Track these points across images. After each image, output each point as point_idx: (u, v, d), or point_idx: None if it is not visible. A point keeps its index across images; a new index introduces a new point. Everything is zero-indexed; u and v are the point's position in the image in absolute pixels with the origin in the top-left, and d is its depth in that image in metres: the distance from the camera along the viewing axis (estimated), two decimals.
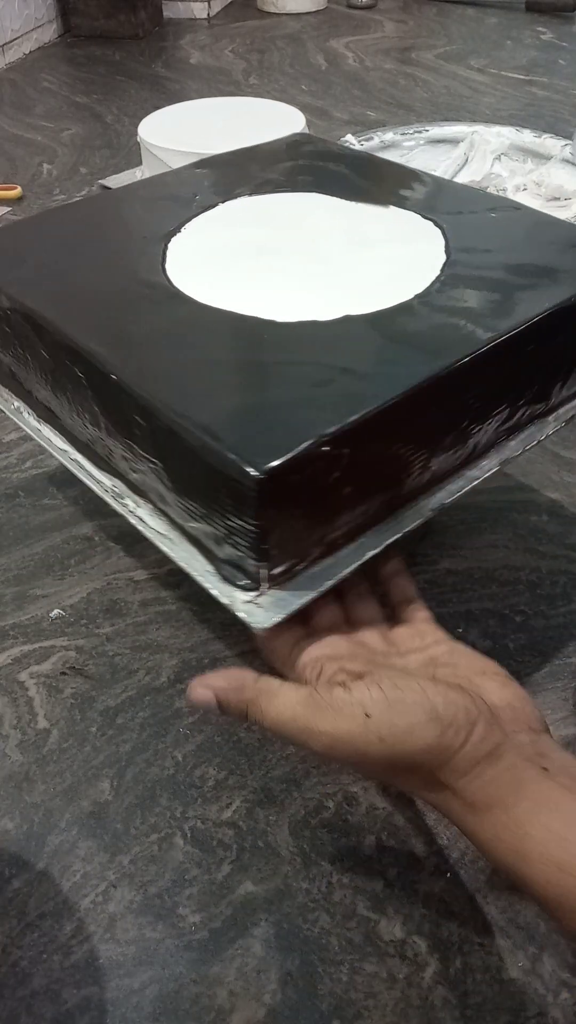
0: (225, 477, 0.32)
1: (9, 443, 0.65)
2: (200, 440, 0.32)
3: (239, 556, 0.34)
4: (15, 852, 0.39)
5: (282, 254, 0.45)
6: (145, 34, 1.64)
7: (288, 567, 0.34)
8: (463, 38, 1.61)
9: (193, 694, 0.33)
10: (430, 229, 0.47)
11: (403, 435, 0.36)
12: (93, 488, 0.40)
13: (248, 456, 0.31)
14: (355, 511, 0.36)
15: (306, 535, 0.34)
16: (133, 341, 0.38)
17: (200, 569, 0.36)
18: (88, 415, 0.40)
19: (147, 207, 0.50)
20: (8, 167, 1.10)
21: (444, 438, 0.38)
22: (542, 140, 0.90)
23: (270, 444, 0.31)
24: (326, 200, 0.50)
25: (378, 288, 0.41)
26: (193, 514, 0.35)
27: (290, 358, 0.37)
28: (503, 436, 0.42)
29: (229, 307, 0.40)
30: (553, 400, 0.44)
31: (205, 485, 0.33)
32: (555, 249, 0.45)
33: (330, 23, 1.72)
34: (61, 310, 0.40)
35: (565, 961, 0.35)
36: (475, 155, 0.90)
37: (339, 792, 0.41)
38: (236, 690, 0.33)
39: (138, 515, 0.38)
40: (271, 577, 0.34)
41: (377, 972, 0.35)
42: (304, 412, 0.33)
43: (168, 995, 0.35)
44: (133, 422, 0.36)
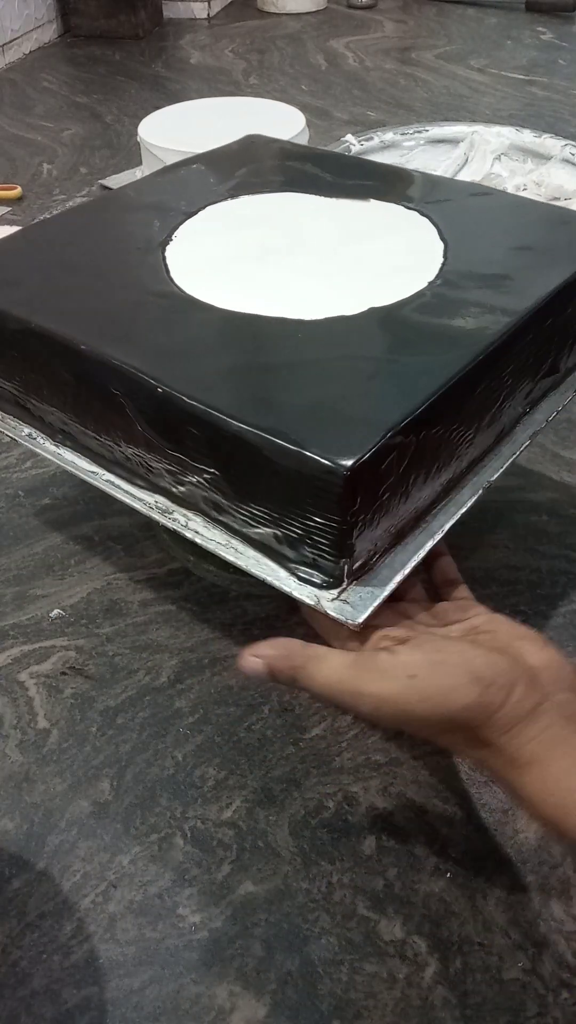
0: (306, 478, 0.32)
1: (9, 443, 0.64)
2: (272, 444, 0.32)
3: (317, 555, 0.34)
4: (15, 852, 0.39)
5: (281, 253, 0.45)
6: (145, 34, 1.64)
7: (366, 560, 0.34)
8: (463, 38, 1.61)
9: (244, 664, 0.34)
10: (416, 219, 0.47)
11: (455, 418, 0.36)
12: (136, 507, 0.39)
13: (330, 454, 0.31)
14: (419, 497, 0.36)
15: (382, 526, 0.35)
16: (169, 352, 0.37)
17: (271, 574, 0.35)
18: (121, 432, 0.39)
19: (131, 217, 0.49)
20: (8, 167, 1.10)
21: (485, 417, 0.39)
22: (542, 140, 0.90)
23: (350, 440, 0.32)
24: (305, 198, 0.50)
25: (389, 279, 0.42)
26: (259, 519, 0.35)
27: (330, 354, 0.37)
28: (527, 411, 0.43)
29: (248, 310, 0.40)
30: (563, 370, 0.45)
31: (280, 488, 0.33)
32: (541, 228, 0.47)
33: (330, 23, 1.72)
34: (81, 328, 0.39)
35: (565, 961, 0.35)
36: (475, 155, 0.90)
37: (339, 792, 0.41)
38: (285, 657, 0.34)
39: (192, 528, 0.38)
40: (351, 572, 0.34)
41: (377, 972, 0.35)
42: (369, 404, 0.34)
43: (168, 995, 0.35)
44: (185, 434, 0.35)
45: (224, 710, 0.45)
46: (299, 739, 0.44)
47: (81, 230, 0.49)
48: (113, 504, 0.55)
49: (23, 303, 0.41)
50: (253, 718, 0.45)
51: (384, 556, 0.35)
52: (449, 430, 0.36)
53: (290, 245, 0.45)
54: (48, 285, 0.43)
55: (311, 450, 0.31)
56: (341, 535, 0.32)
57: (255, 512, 0.35)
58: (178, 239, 0.46)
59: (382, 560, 0.35)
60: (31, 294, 0.42)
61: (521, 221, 0.48)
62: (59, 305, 0.41)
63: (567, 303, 0.42)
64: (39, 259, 0.45)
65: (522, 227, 0.47)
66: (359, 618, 0.33)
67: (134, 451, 0.39)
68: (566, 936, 0.36)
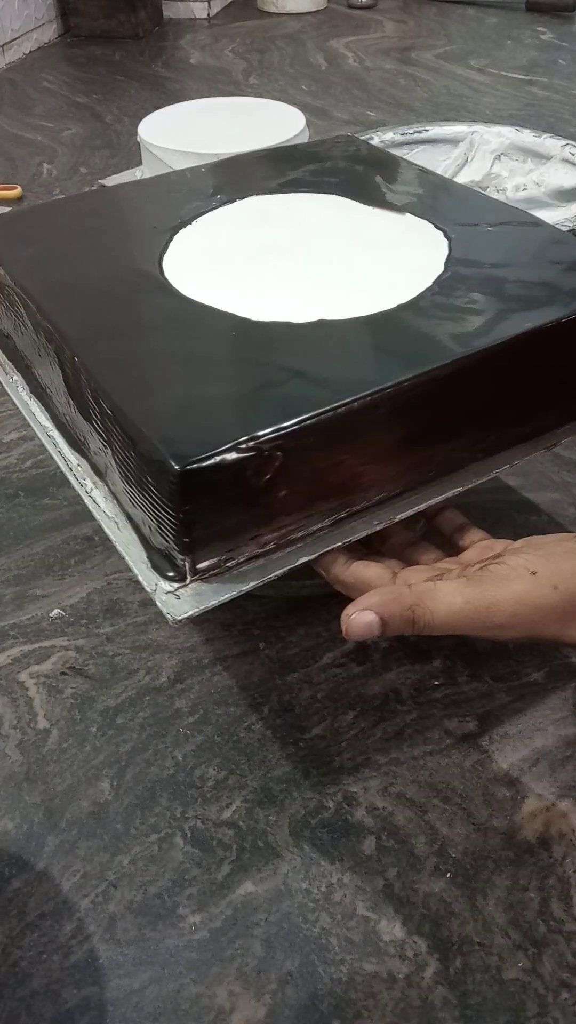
0: (154, 467, 0.32)
1: (9, 443, 0.65)
2: (136, 429, 0.33)
3: (168, 547, 0.34)
4: (15, 852, 0.39)
5: (280, 254, 0.45)
6: (145, 34, 1.64)
7: (216, 562, 0.34)
8: (463, 38, 1.61)
9: (353, 624, 0.32)
10: (438, 239, 0.46)
11: (349, 445, 0.35)
12: (60, 464, 0.41)
13: (172, 449, 0.31)
14: (293, 515, 0.35)
15: (235, 533, 0.34)
16: (105, 327, 0.39)
17: (135, 555, 0.36)
18: (62, 395, 0.41)
19: (159, 202, 0.51)
20: (8, 167, 1.10)
21: (400, 453, 0.37)
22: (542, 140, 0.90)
23: (196, 440, 0.32)
24: (342, 203, 0.50)
25: (364, 295, 0.41)
26: (133, 501, 0.36)
27: (249, 357, 0.37)
28: (478, 456, 0.40)
29: (210, 302, 0.40)
30: (536, 424, 0.41)
31: (140, 474, 0.34)
32: (560, 269, 0.43)
33: (330, 23, 1.72)
34: (48, 291, 0.41)
35: (565, 961, 0.35)
36: (475, 155, 0.90)
37: (339, 792, 0.41)
38: (396, 600, 0.32)
39: (92, 496, 0.39)
40: (195, 570, 0.34)
41: (377, 972, 0.35)
42: (240, 412, 0.34)
43: (168, 995, 0.35)
44: (91, 405, 0.37)
45: (224, 710, 0.45)
46: (299, 739, 0.44)
47: (103, 208, 0.51)
48: None
49: (15, 261, 0.44)
50: (253, 718, 0.45)
51: (245, 563, 0.35)
52: (339, 455, 0.35)
53: (291, 247, 0.46)
54: (47, 251, 0.45)
55: (159, 442, 0.32)
56: (179, 531, 0.33)
57: (130, 493, 0.36)
58: (196, 226, 0.48)
59: (240, 566, 0.35)
60: (29, 255, 0.45)
61: (547, 257, 0.44)
62: (45, 269, 0.44)
63: (543, 352, 0.39)
64: (49, 228, 0.48)
65: (544, 264, 0.43)
66: (179, 615, 0.33)
67: (70, 414, 0.41)
68: (566, 936, 0.36)
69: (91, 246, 0.46)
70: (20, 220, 0.50)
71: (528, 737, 0.43)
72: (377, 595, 0.33)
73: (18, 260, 0.44)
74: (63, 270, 0.43)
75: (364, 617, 0.32)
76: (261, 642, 0.48)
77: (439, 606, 0.32)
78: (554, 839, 0.39)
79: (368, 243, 0.46)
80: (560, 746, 0.43)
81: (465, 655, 0.47)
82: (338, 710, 0.45)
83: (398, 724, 0.44)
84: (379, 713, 0.45)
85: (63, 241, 0.46)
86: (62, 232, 0.47)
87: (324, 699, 0.45)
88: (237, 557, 0.35)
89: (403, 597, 0.32)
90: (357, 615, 0.32)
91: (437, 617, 0.32)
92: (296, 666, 0.47)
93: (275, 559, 0.35)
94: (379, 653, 0.48)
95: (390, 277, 0.43)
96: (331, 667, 0.47)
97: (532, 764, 0.42)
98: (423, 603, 0.32)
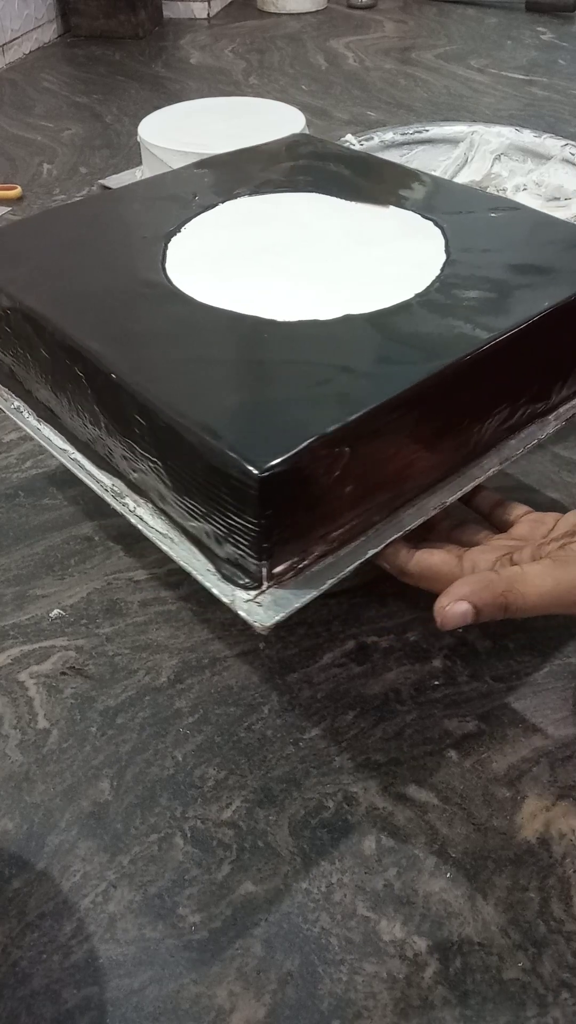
0: (226, 475, 0.32)
1: (9, 443, 0.65)
2: (200, 438, 0.32)
3: (239, 555, 0.34)
4: (15, 852, 0.39)
5: (281, 253, 0.45)
6: (145, 34, 1.64)
7: (289, 565, 0.34)
8: (463, 38, 1.61)
9: (448, 613, 0.33)
10: (430, 229, 0.47)
11: (403, 434, 0.36)
12: (93, 487, 0.40)
13: (249, 454, 0.31)
14: (356, 510, 0.36)
15: (307, 533, 0.34)
16: (132, 340, 0.38)
17: (201, 568, 0.36)
18: (88, 414, 0.40)
19: (147, 207, 0.50)
20: (8, 167, 1.10)
21: (444, 437, 0.38)
22: (542, 140, 0.90)
23: (271, 443, 0.31)
24: (325, 200, 0.50)
25: (378, 287, 0.41)
26: (193, 513, 0.35)
27: (290, 357, 0.37)
28: (504, 435, 0.42)
29: (228, 306, 0.40)
30: (553, 399, 0.44)
31: (205, 484, 0.33)
32: (555, 249, 0.45)
33: (330, 23, 1.72)
34: (61, 309, 0.40)
35: (565, 961, 0.35)
36: (475, 155, 0.90)
37: (339, 792, 0.41)
38: (487, 588, 0.33)
39: (138, 515, 0.38)
40: (272, 576, 0.34)
41: (377, 972, 0.35)
42: (304, 410, 0.33)
43: (168, 995, 0.35)
44: (133, 421, 0.36)
45: (224, 710, 0.45)
46: (299, 739, 0.44)
47: (96, 216, 0.50)
48: None
49: (16, 280, 0.42)
50: (253, 718, 0.45)
51: (314, 563, 0.35)
52: (395, 445, 0.35)
53: (292, 246, 0.46)
54: (46, 266, 0.44)
55: (232, 449, 0.31)
56: (258, 537, 0.32)
57: (189, 505, 0.35)
58: (186, 231, 0.47)
59: (311, 567, 0.35)
60: (27, 273, 0.43)
61: (538, 240, 0.46)
62: (50, 286, 0.42)
63: (557, 329, 0.41)
64: (40, 243, 0.46)
65: (536, 246, 0.45)
66: (267, 622, 0.33)
67: (97, 433, 0.40)
68: (566, 936, 0.36)
69: (89, 260, 0.44)
70: (7, 237, 0.48)
71: (528, 737, 0.43)
72: (467, 585, 0.34)
73: (16, 281, 0.43)
74: (68, 287, 0.42)
75: (458, 607, 0.33)
76: (261, 642, 0.48)
77: (529, 589, 0.33)
78: (554, 839, 0.39)
79: (363, 237, 0.46)
80: (560, 746, 0.43)
81: (465, 655, 0.47)
82: (338, 710, 0.45)
83: (398, 724, 0.44)
84: (379, 713, 0.45)
85: (58, 257, 0.45)
86: (54, 247, 0.46)
87: (324, 699, 0.45)
88: (308, 558, 0.35)
89: (494, 584, 0.33)
90: (452, 606, 0.33)
91: (528, 600, 0.33)
92: (296, 666, 0.47)
93: (343, 556, 0.36)
94: (379, 653, 0.48)
95: (397, 268, 0.43)
96: (331, 667, 0.47)
97: (532, 764, 0.42)
98: (514, 588, 0.33)
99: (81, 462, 0.42)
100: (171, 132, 0.91)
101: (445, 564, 0.37)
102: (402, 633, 0.49)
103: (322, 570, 0.35)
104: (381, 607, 0.50)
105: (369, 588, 0.51)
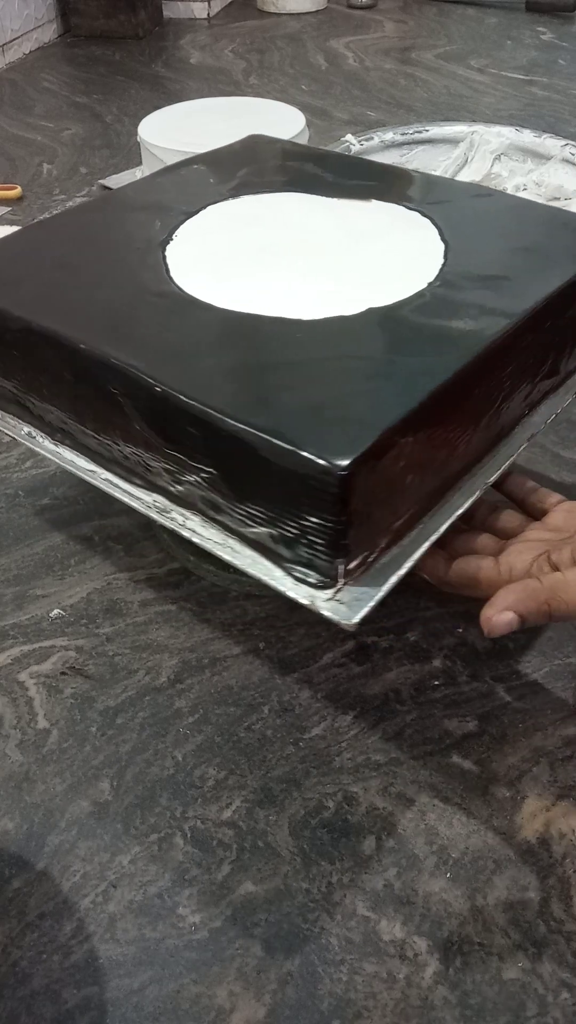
0: (302, 477, 0.32)
1: (9, 443, 0.64)
2: (270, 444, 0.32)
3: (312, 555, 0.33)
4: (15, 852, 0.39)
5: (281, 253, 0.45)
6: (145, 34, 1.64)
7: (361, 560, 0.34)
8: (463, 38, 1.61)
9: (495, 623, 0.35)
10: (418, 219, 0.48)
11: (452, 418, 0.36)
12: (134, 505, 0.39)
13: (327, 453, 0.31)
14: (416, 496, 0.36)
15: (377, 526, 0.34)
16: (167, 351, 0.37)
17: (267, 573, 0.35)
18: (119, 431, 0.39)
19: (131, 215, 0.50)
20: (8, 167, 1.10)
21: (483, 418, 0.39)
22: (542, 140, 0.90)
23: (346, 439, 0.32)
24: (306, 198, 0.50)
25: (388, 279, 0.42)
26: (256, 519, 0.35)
27: (328, 354, 0.37)
28: (526, 412, 0.43)
29: (247, 309, 0.40)
30: (562, 372, 0.45)
31: (276, 488, 0.33)
32: (543, 229, 0.47)
33: (330, 23, 1.72)
34: (83, 329, 0.39)
35: (565, 961, 0.35)
36: (475, 155, 0.90)
37: (339, 792, 0.41)
38: (531, 597, 0.35)
39: (189, 527, 0.38)
40: (347, 572, 0.34)
41: (377, 972, 0.35)
42: (366, 404, 0.34)
43: (168, 995, 0.35)
44: (185, 433, 0.35)
45: (224, 710, 0.45)
46: (299, 739, 0.44)
47: (81, 230, 0.49)
48: (113, 504, 0.55)
49: (23, 303, 0.41)
50: (253, 718, 0.45)
51: (380, 556, 0.35)
52: (446, 430, 0.36)
53: (290, 245, 0.46)
54: (48, 284, 0.43)
55: (307, 450, 0.31)
56: (336, 535, 0.32)
57: (252, 511, 0.35)
58: (178, 239, 0.46)
59: (378, 559, 0.35)
60: (31, 293, 0.42)
61: (522, 222, 0.48)
62: (59, 304, 0.41)
63: (567, 305, 0.42)
64: (39, 258, 0.45)
65: (523, 229, 0.47)
66: (354, 618, 0.33)
67: (132, 450, 0.39)
68: (566, 936, 0.36)
69: (88, 275, 0.43)
70: (5, 257, 0.46)
71: (528, 737, 0.43)
72: (512, 594, 0.35)
73: (27, 302, 0.41)
74: (79, 304, 0.41)
75: (504, 617, 0.35)
76: (261, 642, 0.48)
77: (572, 596, 0.35)
78: (554, 839, 0.39)
79: (356, 231, 0.47)
80: (560, 746, 0.43)
81: (465, 655, 0.47)
82: (338, 710, 0.45)
83: (398, 724, 0.44)
84: (379, 713, 0.45)
85: (58, 275, 0.43)
86: (51, 265, 0.44)
87: (324, 699, 0.45)
88: (376, 550, 0.35)
89: (538, 593, 0.35)
90: (498, 616, 0.35)
91: (572, 607, 0.35)
92: (296, 666, 0.47)
93: (405, 545, 0.36)
94: (379, 653, 0.48)
95: (400, 259, 0.44)
96: (331, 667, 0.47)
97: (532, 764, 0.42)
98: (557, 596, 0.35)
99: (114, 481, 0.40)
100: (171, 132, 0.91)
101: (483, 570, 0.38)
102: (402, 633, 0.49)
103: (389, 561, 0.35)
104: (381, 607, 0.50)
105: None
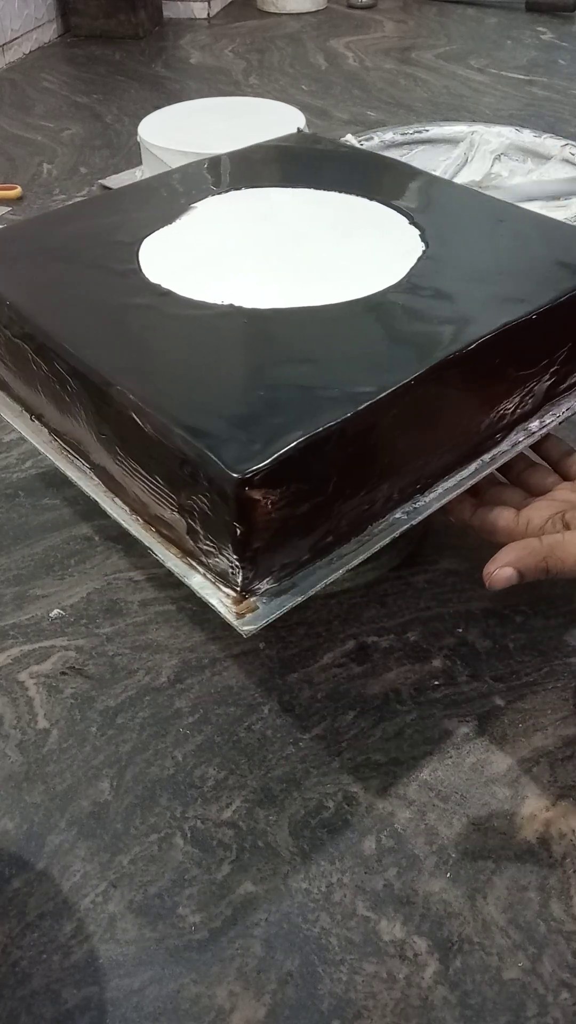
0: (209, 480, 0.32)
1: (9, 443, 0.64)
2: (186, 442, 0.32)
3: (228, 562, 0.33)
4: (15, 852, 0.39)
5: (261, 248, 0.45)
6: (145, 34, 1.64)
7: (279, 569, 0.34)
8: (463, 38, 1.61)
9: (495, 577, 0.37)
10: (391, 215, 0.48)
11: (387, 435, 0.35)
12: (81, 486, 0.42)
13: (231, 461, 0.31)
14: (348, 511, 0.35)
15: (298, 538, 0.34)
16: (111, 338, 0.38)
17: (186, 573, 0.36)
18: (71, 416, 0.40)
19: (122, 213, 0.50)
20: (8, 167, 1.10)
21: (434, 437, 0.38)
22: (542, 140, 0.90)
23: (254, 448, 0.31)
24: (310, 194, 0.51)
25: (354, 279, 0.42)
26: (166, 504, 0.36)
27: (275, 356, 0.37)
28: (489, 438, 0.42)
29: (208, 299, 0.40)
30: (530, 406, 0.43)
31: (186, 484, 0.33)
32: (531, 236, 0.46)
33: (330, 23, 1.72)
34: (41, 311, 0.40)
35: (565, 961, 0.35)
36: (475, 155, 0.90)
37: (339, 792, 0.41)
38: (530, 555, 0.37)
39: (123, 519, 0.39)
40: (258, 579, 0.34)
41: (377, 972, 0.35)
42: (288, 414, 0.33)
43: (168, 995, 0.35)
44: (116, 419, 0.36)
45: (224, 710, 0.45)
46: (299, 739, 0.44)
47: (70, 223, 0.50)
48: None
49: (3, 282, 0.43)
50: (253, 718, 0.45)
51: (304, 567, 0.35)
52: (384, 446, 0.35)
53: (268, 240, 0.46)
54: (28, 271, 0.44)
55: (214, 454, 0.31)
56: (242, 543, 0.32)
57: (161, 494, 0.36)
58: (163, 232, 0.47)
59: (300, 571, 0.35)
60: (11, 277, 0.44)
61: (505, 225, 0.47)
62: (34, 292, 0.42)
63: (560, 322, 0.41)
64: (26, 247, 0.46)
65: (505, 232, 0.46)
66: (253, 626, 0.33)
67: (83, 433, 0.40)
68: (566, 936, 0.36)
69: (70, 267, 0.44)
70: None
71: (528, 737, 0.43)
72: (513, 551, 0.37)
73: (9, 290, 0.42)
74: (52, 294, 0.42)
75: (504, 572, 0.37)
76: (261, 642, 0.48)
77: (568, 555, 0.37)
78: (554, 839, 0.39)
79: (333, 226, 0.47)
80: (560, 746, 0.43)
81: (465, 655, 0.47)
82: (338, 710, 0.45)
83: (398, 724, 0.44)
84: (379, 713, 0.45)
85: (43, 267, 0.45)
86: (37, 258, 0.45)
87: (324, 699, 0.45)
88: (298, 560, 0.35)
89: (536, 551, 0.37)
90: (498, 571, 0.37)
91: (567, 564, 0.37)
92: (296, 666, 0.47)
93: (333, 559, 0.37)
94: (379, 653, 0.48)
95: (377, 256, 0.44)
96: (331, 667, 0.47)
97: (532, 764, 0.42)
98: (554, 554, 0.37)
99: (73, 458, 0.42)
100: (171, 132, 0.91)
101: (502, 520, 0.41)
102: (402, 633, 0.49)
103: (310, 573, 0.35)
104: (381, 607, 0.50)
105: (369, 588, 0.51)
